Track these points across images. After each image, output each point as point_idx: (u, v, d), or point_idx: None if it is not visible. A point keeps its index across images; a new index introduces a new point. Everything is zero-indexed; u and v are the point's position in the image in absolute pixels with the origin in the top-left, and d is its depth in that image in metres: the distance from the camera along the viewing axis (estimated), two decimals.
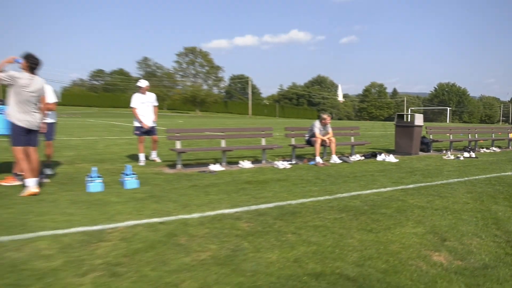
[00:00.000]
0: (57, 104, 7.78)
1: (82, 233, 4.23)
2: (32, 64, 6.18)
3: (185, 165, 9.19)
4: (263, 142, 10.25)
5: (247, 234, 4.31)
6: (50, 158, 8.03)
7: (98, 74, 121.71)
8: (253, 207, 5.46)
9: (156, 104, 9.74)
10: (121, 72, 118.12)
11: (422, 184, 7.33)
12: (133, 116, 9.66)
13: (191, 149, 9.47)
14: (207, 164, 9.27)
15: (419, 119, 12.43)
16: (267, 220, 4.82)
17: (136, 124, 9.66)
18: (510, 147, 15.85)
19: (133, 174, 6.84)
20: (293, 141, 10.52)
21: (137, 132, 9.55)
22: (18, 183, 6.73)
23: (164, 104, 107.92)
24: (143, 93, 9.52)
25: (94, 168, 6.67)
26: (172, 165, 9.21)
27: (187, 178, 7.71)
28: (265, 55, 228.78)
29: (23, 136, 6.12)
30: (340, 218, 4.97)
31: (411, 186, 7.17)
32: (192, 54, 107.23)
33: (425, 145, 13.17)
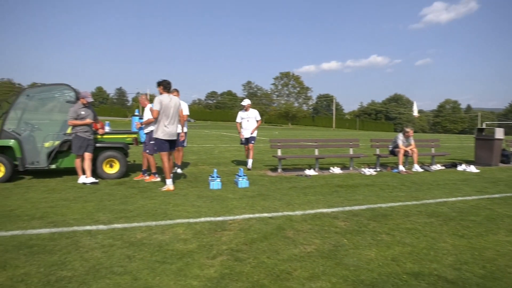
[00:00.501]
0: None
1: (209, 223, 4.35)
2: (166, 86, 6.52)
3: (284, 169, 9.15)
4: (351, 151, 9.85)
5: (345, 232, 4.10)
6: (181, 161, 8.48)
7: (211, 95, 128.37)
8: (347, 208, 5.21)
9: (259, 118, 9.55)
10: (229, 93, 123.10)
11: (509, 194, 6.45)
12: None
13: (290, 156, 9.41)
14: (302, 169, 9.15)
15: (499, 133, 11.07)
16: (362, 221, 4.55)
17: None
18: None
19: (245, 175, 6.95)
20: (377, 151, 9.97)
21: (242, 141, 9.70)
22: (157, 179, 7.20)
23: (262, 118, 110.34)
24: (246, 110, 9.44)
25: (215, 170, 6.90)
26: (274, 169, 9.23)
27: (287, 180, 7.66)
28: (347, 77, 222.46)
29: (166, 144, 6.50)
30: (430, 223, 4.53)
31: (497, 195, 6.34)
32: (286, 78, 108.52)
33: (506, 157, 11.66)
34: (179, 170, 8.20)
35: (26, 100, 7.06)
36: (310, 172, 8.52)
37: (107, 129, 7.76)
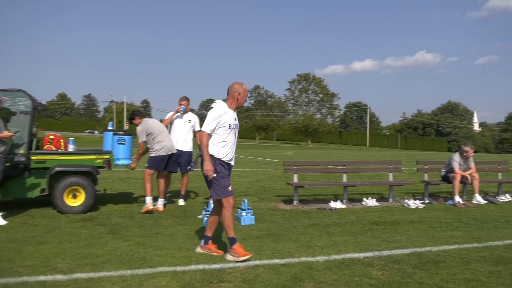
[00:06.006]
0: None
1: (201, 271, 4.33)
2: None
3: (302, 201, 9.11)
4: (391, 177, 9.81)
5: (383, 284, 4.05)
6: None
7: (207, 103, 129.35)
8: (386, 252, 5.16)
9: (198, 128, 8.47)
10: None
11: None
12: None
13: (310, 184, 9.38)
14: (325, 201, 9.12)
15: None
16: (405, 269, 4.50)
17: None
18: None
19: (249, 209, 6.94)
20: (426, 177, 9.90)
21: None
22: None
23: (274, 134, 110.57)
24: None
25: (211, 202, 6.90)
26: (288, 201, 9.21)
27: (305, 215, 7.63)
28: (386, 80, 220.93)
29: None
30: (496, 272, 4.46)
31: None
32: (305, 81, 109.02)
33: None
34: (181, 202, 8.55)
35: None
36: (336, 204, 8.49)
37: (70, 147, 7.84)
